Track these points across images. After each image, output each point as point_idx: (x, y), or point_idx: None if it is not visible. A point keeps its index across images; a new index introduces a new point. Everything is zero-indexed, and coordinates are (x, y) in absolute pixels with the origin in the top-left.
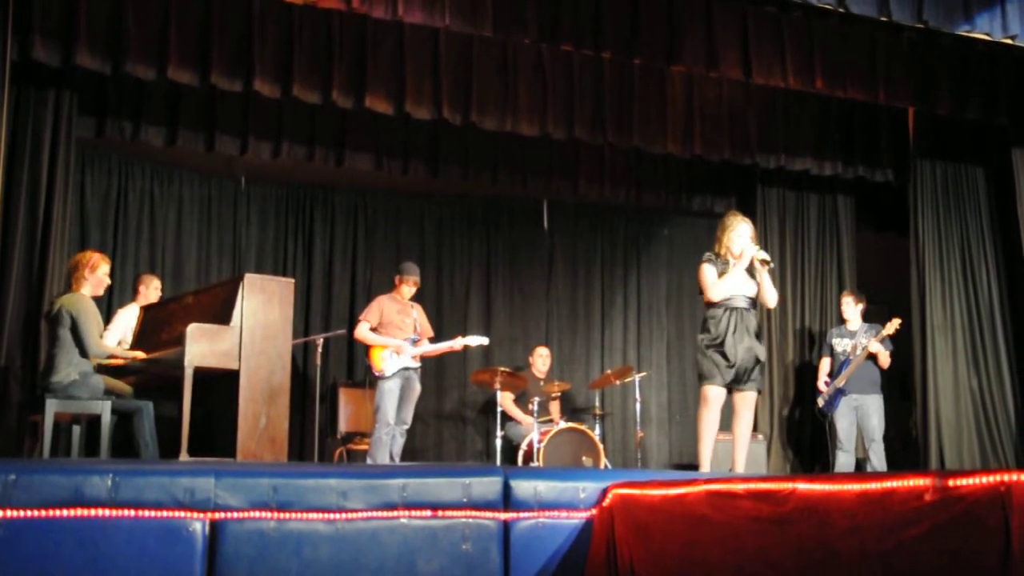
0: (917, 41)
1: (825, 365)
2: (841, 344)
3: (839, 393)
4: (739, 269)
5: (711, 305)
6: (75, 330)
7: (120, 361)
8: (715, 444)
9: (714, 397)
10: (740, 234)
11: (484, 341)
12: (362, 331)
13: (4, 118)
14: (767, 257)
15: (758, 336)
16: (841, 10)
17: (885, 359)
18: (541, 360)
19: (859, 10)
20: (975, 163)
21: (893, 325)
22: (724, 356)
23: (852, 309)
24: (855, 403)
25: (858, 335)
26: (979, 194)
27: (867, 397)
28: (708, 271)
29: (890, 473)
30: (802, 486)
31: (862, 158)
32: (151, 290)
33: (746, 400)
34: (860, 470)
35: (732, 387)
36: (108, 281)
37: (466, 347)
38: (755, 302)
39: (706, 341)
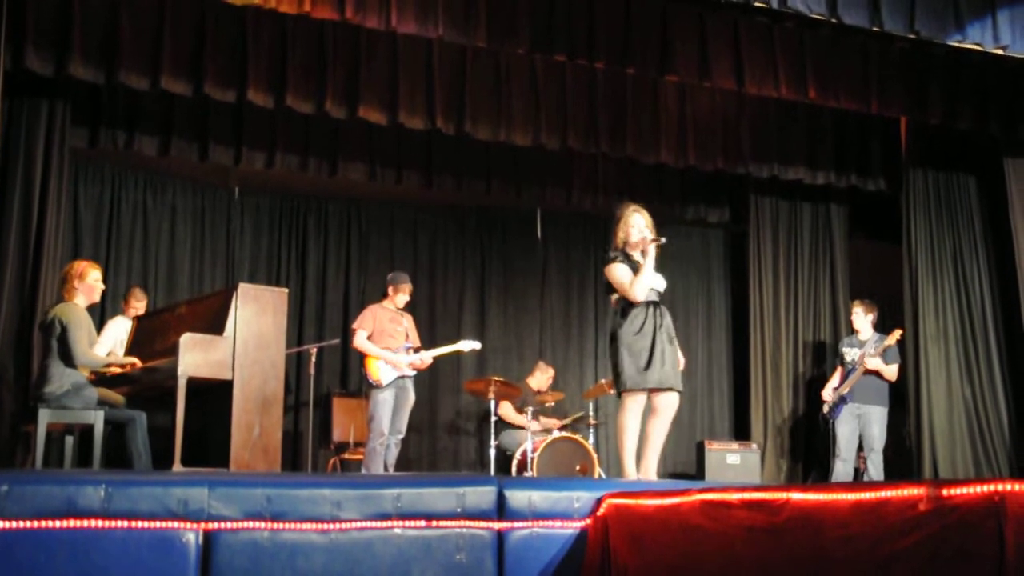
0: (909, 51)
1: (836, 374)
2: (850, 353)
3: (842, 401)
4: (649, 264)
5: (627, 303)
6: (64, 339)
7: (117, 370)
8: (709, 453)
9: (640, 402)
10: (635, 223)
11: (476, 345)
12: (360, 340)
13: None
14: (661, 240)
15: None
16: (833, 20)
17: (887, 372)
18: (544, 378)
19: (851, 20)
20: (967, 172)
21: (894, 336)
22: (652, 357)
23: (862, 319)
24: (858, 411)
25: (867, 345)
26: (971, 203)
27: (870, 407)
28: (622, 269)
29: (884, 483)
30: (796, 496)
31: (855, 167)
32: (131, 308)
33: (671, 402)
34: (858, 480)
35: (655, 389)
36: (101, 287)
37: (459, 352)
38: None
39: (632, 341)
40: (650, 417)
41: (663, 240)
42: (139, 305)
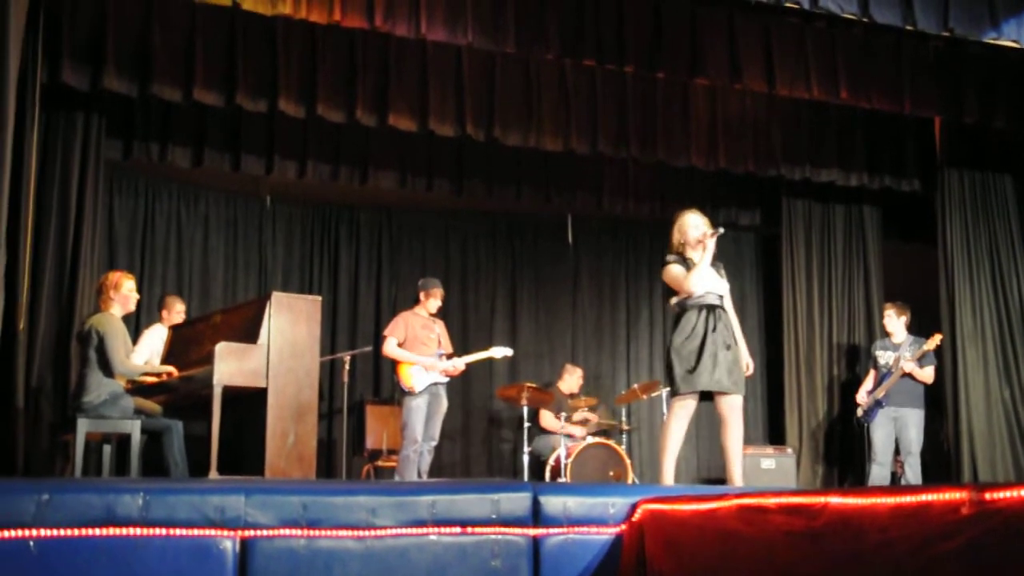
0: (943, 50)
1: (870, 378)
2: (884, 356)
3: (877, 405)
4: (707, 257)
5: (683, 306)
6: (101, 348)
7: (154, 379)
8: (743, 458)
9: (687, 407)
10: (692, 223)
11: (508, 352)
12: (390, 347)
13: (34, 141)
14: (719, 230)
15: (735, 336)
16: (865, 20)
17: (922, 376)
18: (573, 379)
19: (884, 19)
20: (1003, 171)
21: (934, 341)
22: (700, 360)
23: (895, 322)
24: (894, 415)
25: (902, 348)
26: (1007, 202)
27: (906, 410)
28: (677, 268)
29: (925, 486)
30: (835, 500)
31: (888, 168)
32: (174, 314)
33: (732, 405)
34: (895, 484)
35: (714, 393)
36: (136, 296)
37: (492, 359)
38: (723, 300)
39: (680, 344)
40: (720, 429)
41: (721, 230)
42: (180, 308)
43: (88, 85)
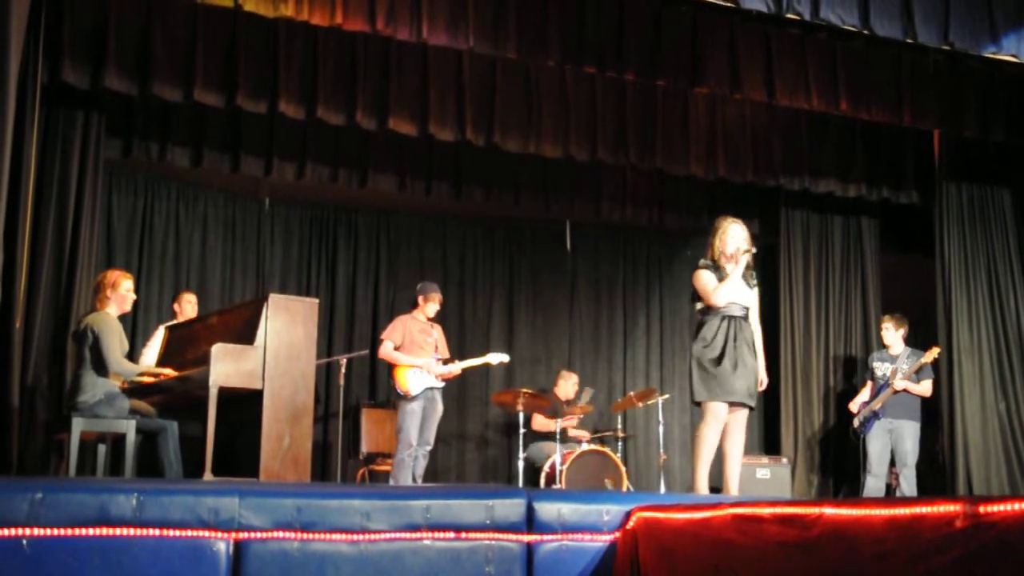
0: (943, 63)
1: (866, 389)
2: (881, 368)
3: (873, 416)
4: (736, 273)
5: (706, 313)
6: (96, 347)
7: (150, 379)
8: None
9: (718, 415)
10: (733, 235)
11: (505, 358)
12: (387, 350)
13: (34, 140)
14: (752, 249)
15: (755, 349)
16: (866, 32)
17: (918, 391)
18: (568, 384)
19: (884, 32)
20: (1001, 184)
21: (931, 354)
22: (720, 368)
23: (892, 334)
24: (889, 426)
25: (899, 360)
26: (1005, 215)
27: (902, 422)
28: (707, 276)
29: (919, 498)
30: (829, 511)
31: (887, 180)
32: (185, 305)
33: (739, 418)
34: (889, 495)
35: (726, 402)
36: (133, 296)
37: (488, 364)
38: (748, 312)
39: (700, 352)
40: (723, 435)
41: (754, 249)
42: (192, 299)
43: (88, 84)
